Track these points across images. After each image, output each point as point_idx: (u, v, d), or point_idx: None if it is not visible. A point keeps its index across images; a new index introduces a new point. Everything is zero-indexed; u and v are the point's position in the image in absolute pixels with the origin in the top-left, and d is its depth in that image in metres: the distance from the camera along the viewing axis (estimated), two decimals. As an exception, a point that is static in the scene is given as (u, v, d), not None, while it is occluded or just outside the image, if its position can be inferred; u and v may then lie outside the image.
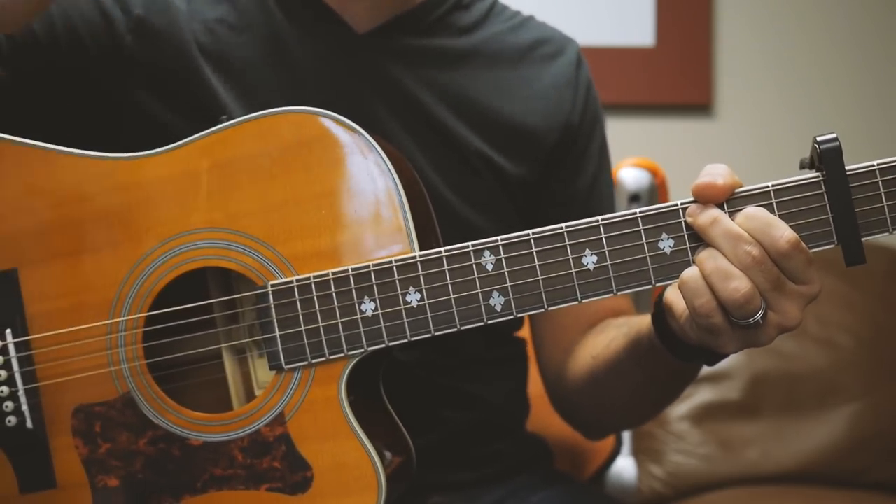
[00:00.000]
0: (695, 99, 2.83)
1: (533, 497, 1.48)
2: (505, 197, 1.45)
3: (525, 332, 1.59)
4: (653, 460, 2.54)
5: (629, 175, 1.99)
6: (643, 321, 1.28)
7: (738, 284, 1.08)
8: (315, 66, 1.38)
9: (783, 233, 1.09)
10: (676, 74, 2.81)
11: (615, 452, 1.91)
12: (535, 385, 1.60)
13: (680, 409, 2.56)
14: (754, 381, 2.57)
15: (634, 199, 1.85)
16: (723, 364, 2.50)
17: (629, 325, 1.35)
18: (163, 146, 1.25)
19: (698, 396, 2.57)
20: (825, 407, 2.56)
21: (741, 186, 1.12)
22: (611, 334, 1.41)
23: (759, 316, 1.09)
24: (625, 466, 2.38)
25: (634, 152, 2.05)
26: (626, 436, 2.01)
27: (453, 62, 1.44)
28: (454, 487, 1.45)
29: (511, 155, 1.44)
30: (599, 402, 1.46)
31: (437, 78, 1.42)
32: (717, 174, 1.11)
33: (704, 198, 1.11)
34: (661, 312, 1.19)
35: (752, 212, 1.10)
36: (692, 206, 1.12)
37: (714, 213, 1.11)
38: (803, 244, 1.09)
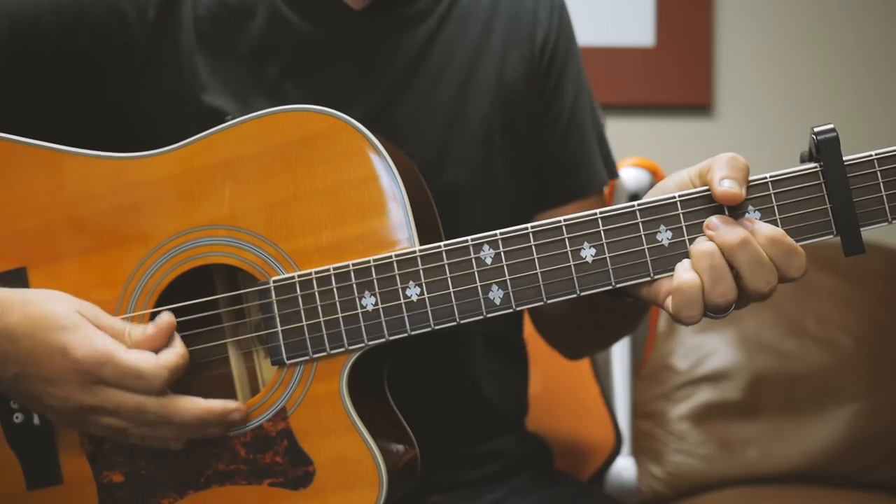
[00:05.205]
0: (695, 99, 2.84)
1: (532, 496, 1.48)
2: (512, 159, 1.46)
3: (526, 333, 1.59)
4: (653, 460, 2.54)
5: (629, 175, 1.99)
6: None
7: (728, 295, 1.11)
8: (321, 47, 1.38)
9: (799, 262, 1.10)
10: (676, 74, 2.82)
11: (615, 452, 1.91)
12: (535, 385, 1.60)
13: (680, 409, 2.57)
14: (754, 381, 2.57)
15: (634, 199, 1.85)
16: (723, 364, 2.55)
17: None
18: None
19: (698, 396, 2.58)
20: (825, 407, 2.57)
21: None
22: None
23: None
24: (625, 466, 2.38)
25: (634, 152, 2.05)
26: (626, 436, 2.01)
27: (447, 19, 1.44)
28: (454, 486, 1.45)
29: (513, 62, 1.46)
30: (571, 332, 1.54)
31: (438, 38, 1.42)
32: (740, 179, 1.12)
33: (726, 203, 1.12)
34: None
35: (776, 237, 1.10)
36: (712, 219, 1.12)
37: (742, 233, 1.10)
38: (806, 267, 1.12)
